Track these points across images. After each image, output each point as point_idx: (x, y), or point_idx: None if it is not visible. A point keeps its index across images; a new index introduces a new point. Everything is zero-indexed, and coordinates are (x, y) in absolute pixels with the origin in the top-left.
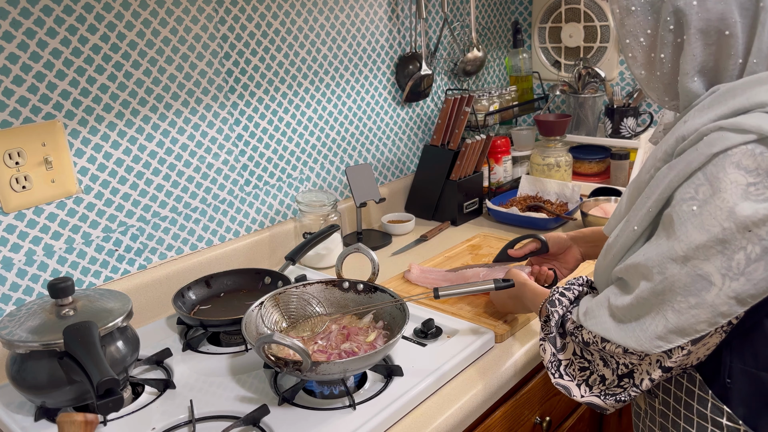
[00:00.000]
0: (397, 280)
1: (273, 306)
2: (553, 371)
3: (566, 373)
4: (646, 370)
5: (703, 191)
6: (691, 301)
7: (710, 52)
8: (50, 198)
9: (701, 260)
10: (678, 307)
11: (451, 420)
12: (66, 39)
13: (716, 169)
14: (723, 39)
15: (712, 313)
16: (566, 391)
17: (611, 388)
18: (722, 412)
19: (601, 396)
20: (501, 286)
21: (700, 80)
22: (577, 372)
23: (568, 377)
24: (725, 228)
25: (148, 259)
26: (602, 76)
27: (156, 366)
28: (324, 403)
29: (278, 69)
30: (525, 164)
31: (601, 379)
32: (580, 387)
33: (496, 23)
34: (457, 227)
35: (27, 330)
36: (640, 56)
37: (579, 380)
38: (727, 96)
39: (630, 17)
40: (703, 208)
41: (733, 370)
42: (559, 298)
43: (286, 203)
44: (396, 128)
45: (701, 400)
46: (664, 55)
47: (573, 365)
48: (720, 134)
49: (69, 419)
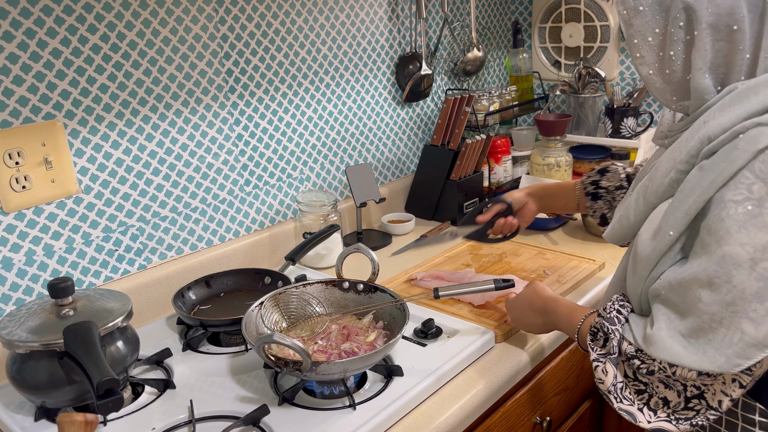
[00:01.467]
0: (398, 280)
1: (273, 306)
2: (616, 395)
3: (624, 397)
4: (721, 391)
5: (758, 189)
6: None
7: (719, 47)
8: (50, 198)
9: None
10: (753, 316)
11: (451, 420)
12: (66, 39)
13: (766, 165)
14: (732, 34)
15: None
16: (631, 417)
17: (678, 411)
18: (754, 409)
19: (672, 420)
20: (501, 286)
21: (711, 77)
22: (635, 395)
23: (627, 401)
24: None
25: (148, 259)
26: (602, 76)
27: (156, 366)
28: (324, 403)
29: (278, 69)
30: (525, 164)
31: (664, 402)
32: (642, 411)
33: (496, 23)
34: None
35: (27, 330)
36: (649, 56)
37: (639, 404)
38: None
39: (638, 17)
40: (761, 206)
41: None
42: (617, 316)
43: (286, 203)
44: (396, 128)
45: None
46: (673, 52)
47: (628, 388)
48: (761, 130)
49: (69, 419)
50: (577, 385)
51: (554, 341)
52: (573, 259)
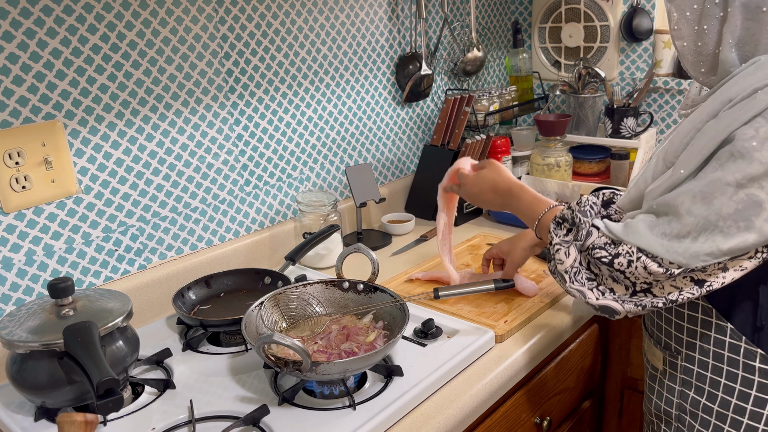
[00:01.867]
0: (398, 280)
1: (273, 306)
2: (571, 275)
3: (577, 279)
4: (672, 285)
5: (764, 131)
6: (741, 225)
7: (748, 26)
8: (50, 198)
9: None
10: (728, 231)
11: (451, 420)
12: (66, 39)
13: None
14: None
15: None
16: (581, 295)
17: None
18: (755, 355)
19: (619, 301)
20: (501, 286)
21: (737, 52)
22: (586, 280)
23: (578, 283)
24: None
25: (148, 259)
26: (602, 76)
27: (156, 366)
28: (324, 403)
29: (278, 69)
30: (525, 164)
31: (611, 291)
32: (593, 291)
33: (496, 23)
34: (457, 227)
35: (27, 330)
36: (685, 28)
37: (589, 286)
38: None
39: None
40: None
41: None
42: (590, 210)
43: (286, 203)
44: (396, 128)
45: (733, 347)
46: (707, 26)
47: (580, 273)
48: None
49: (69, 419)
50: (577, 385)
51: (554, 341)
52: None
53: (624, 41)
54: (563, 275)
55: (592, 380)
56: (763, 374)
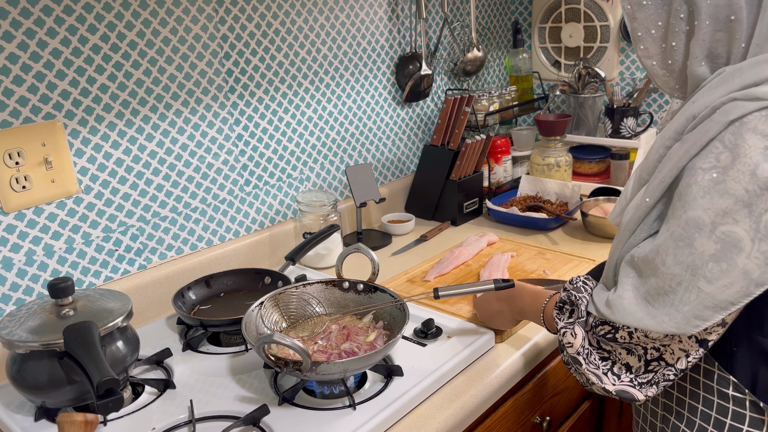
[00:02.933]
0: (398, 280)
1: (273, 306)
2: (585, 357)
3: (590, 361)
4: (680, 349)
5: (724, 158)
6: (723, 267)
7: (719, 38)
8: (50, 198)
9: (729, 225)
10: (710, 276)
11: (451, 420)
12: (66, 39)
13: (734, 136)
14: (730, 24)
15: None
16: (598, 379)
17: (640, 375)
18: (728, 382)
19: (635, 385)
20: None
21: (707, 65)
22: (599, 362)
23: (593, 366)
24: (749, 190)
25: (148, 259)
26: (602, 76)
27: (156, 366)
28: (324, 403)
29: (278, 69)
30: (525, 164)
31: (627, 368)
32: (607, 375)
33: (496, 23)
34: (457, 227)
35: (27, 330)
36: (652, 47)
37: (604, 369)
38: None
39: (642, 11)
40: (725, 174)
41: (739, 337)
42: (584, 286)
43: (286, 203)
44: (396, 128)
45: (707, 373)
46: (675, 43)
47: (593, 355)
48: (734, 104)
49: (69, 419)
50: (577, 385)
51: (554, 341)
52: (573, 259)
53: (624, 41)
54: (576, 358)
55: None
56: (737, 403)
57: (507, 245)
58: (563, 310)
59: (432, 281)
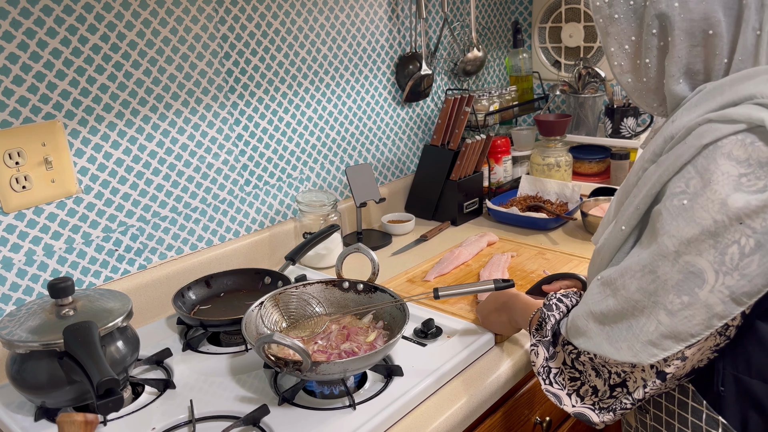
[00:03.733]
0: (398, 280)
1: (273, 306)
2: (544, 377)
3: (556, 381)
4: (641, 378)
5: (694, 184)
6: (684, 300)
7: (696, 53)
8: (50, 198)
9: (693, 255)
10: (671, 308)
11: (451, 420)
12: (66, 39)
13: (707, 161)
14: (708, 39)
15: (707, 314)
16: (557, 399)
17: (604, 399)
18: (717, 423)
19: (595, 409)
20: (501, 286)
21: (686, 82)
22: (567, 381)
23: (557, 386)
24: (717, 220)
25: (148, 259)
26: (602, 76)
27: (156, 366)
28: (324, 403)
29: (278, 69)
30: (525, 164)
31: (593, 391)
32: (570, 396)
33: (496, 23)
34: (457, 227)
35: (27, 330)
36: (626, 64)
37: (569, 390)
38: (714, 93)
39: (614, 25)
40: (694, 201)
41: (726, 377)
42: (557, 304)
43: (286, 203)
44: (396, 128)
45: (695, 411)
46: (648, 60)
47: (563, 374)
48: (709, 126)
49: (69, 419)
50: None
51: None
52: (573, 259)
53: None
54: (537, 377)
55: None
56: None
57: (507, 245)
58: (541, 326)
59: (432, 281)
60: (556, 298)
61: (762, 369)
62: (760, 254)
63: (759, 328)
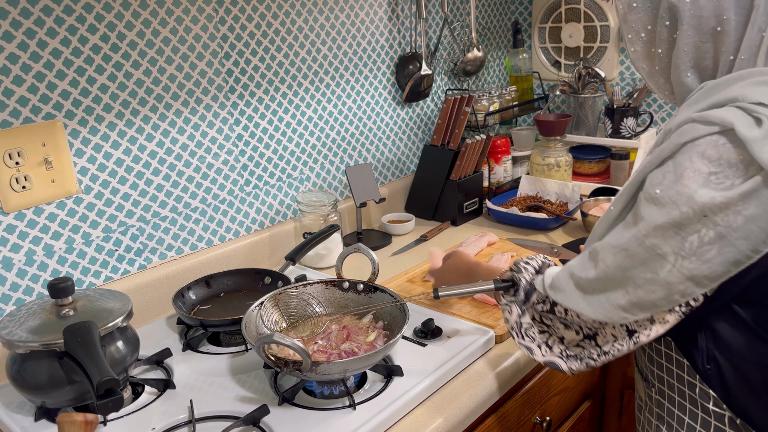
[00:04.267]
0: (398, 280)
1: (273, 306)
2: (517, 331)
3: (527, 335)
4: (611, 334)
5: (669, 177)
6: (648, 276)
7: (705, 49)
8: (50, 198)
9: (659, 239)
10: (636, 279)
11: (451, 420)
12: (66, 39)
13: (683, 157)
14: (716, 36)
15: (669, 291)
16: (528, 351)
17: (570, 347)
18: (708, 396)
19: (563, 356)
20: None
21: (694, 75)
22: (537, 335)
23: (528, 339)
24: (683, 212)
25: (148, 259)
26: (602, 76)
27: (156, 366)
28: (324, 403)
29: (278, 69)
30: (525, 164)
31: (560, 341)
32: (540, 348)
33: (496, 23)
34: (457, 227)
35: (27, 330)
36: (642, 51)
37: (539, 341)
38: (711, 92)
39: (632, 13)
40: (665, 192)
41: (709, 355)
42: (524, 266)
43: (286, 203)
44: (396, 128)
45: (691, 385)
46: (660, 50)
47: (533, 328)
48: (691, 125)
49: (69, 419)
50: (576, 385)
51: None
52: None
53: (623, 40)
54: (510, 332)
55: (592, 380)
56: (718, 418)
57: (507, 245)
58: (508, 289)
59: (432, 281)
60: (523, 261)
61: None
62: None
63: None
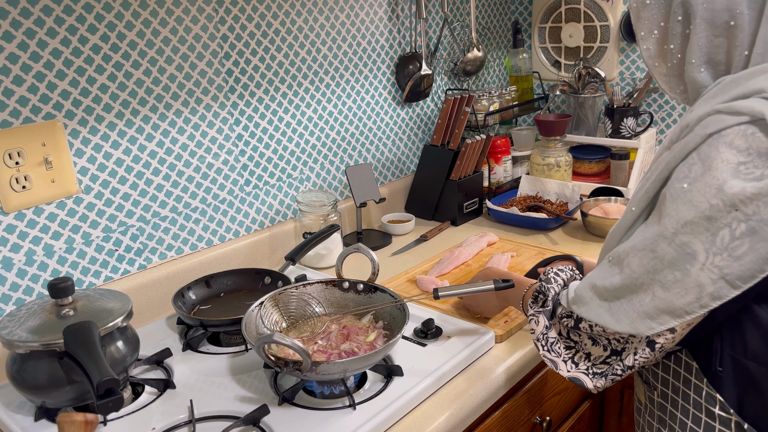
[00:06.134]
0: (398, 280)
1: (273, 306)
2: (543, 343)
3: (552, 349)
4: (633, 347)
5: (696, 169)
6: (677, 276)
7: (718, 43)
8: (50, 198)
9: (688, 235)
10: (664, 282)
11: (451, 420)
12: (66, 39)
13: (710, 148)
14: (730, 30)
15: (699, 292)
16: (553, 365)
17: (597, 364)
18: (715, 400)
19: (588, 373)
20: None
21: (708, 71)
22: (563, 350)
23: (554, 353)
24: (712, 205)
25: (148, 259)
26: (602, 76)
27: (156, 366)
28: (324, 403)
29: (278, 69)
30: (525, 164)
31: (587, 356)
32: (566, 363)
33: (496, 23)
34: (457, 227)
35: (27, 330)
36: (654, 48)
37: (565, 357)
38: (730, 86)
39: (645, 10)
40: (693, 185)
41: (723, 357)
42: (554, 277)
43: (286, 203)
44: (396, 128)
45: (697, 389)
46: (673, 46)
47: (559, 343)
48: (716, 117)
49: (69, 419)
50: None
51: None
52: None
53: (624, 41)
54: (535, 343)
55: None
56: (723, 423)
57: (507, 245)
58: (537, 299)
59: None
60: (553, 272)
61: (757, 351)
62: (750, 239)
63: (755, 311)
